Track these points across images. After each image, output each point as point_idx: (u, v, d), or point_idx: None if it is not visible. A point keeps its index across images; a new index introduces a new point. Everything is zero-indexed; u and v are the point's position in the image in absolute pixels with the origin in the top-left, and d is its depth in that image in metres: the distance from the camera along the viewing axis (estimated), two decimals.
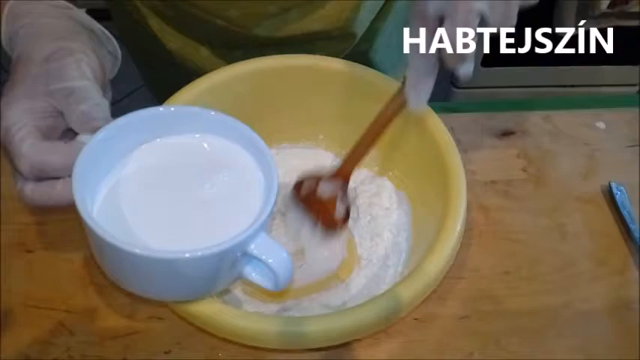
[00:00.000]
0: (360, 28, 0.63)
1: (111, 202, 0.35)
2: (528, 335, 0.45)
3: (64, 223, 0.49)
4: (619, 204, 0.52)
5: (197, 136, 0.38)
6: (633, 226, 0.51)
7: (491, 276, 0.48)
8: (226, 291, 0.43)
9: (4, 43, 0.40)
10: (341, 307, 0.45)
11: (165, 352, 0.43)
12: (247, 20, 0.55)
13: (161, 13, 0.60)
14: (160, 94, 0.67)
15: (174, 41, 0.61)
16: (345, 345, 0.44)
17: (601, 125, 0.59)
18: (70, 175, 0.33)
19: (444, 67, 0.39)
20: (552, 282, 0.48)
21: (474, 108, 0.60)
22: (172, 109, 0.38)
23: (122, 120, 0.36)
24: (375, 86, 0.50)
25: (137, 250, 0.31)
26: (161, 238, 0.34)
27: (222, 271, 0.35)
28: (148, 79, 0.71)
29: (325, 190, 0.46)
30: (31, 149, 0.33)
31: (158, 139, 0.38)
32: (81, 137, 0.35)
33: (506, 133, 0.58)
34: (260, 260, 0.34)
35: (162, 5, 0.59)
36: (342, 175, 0.47)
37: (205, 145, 0.38)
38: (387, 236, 0.49)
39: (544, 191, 0.54)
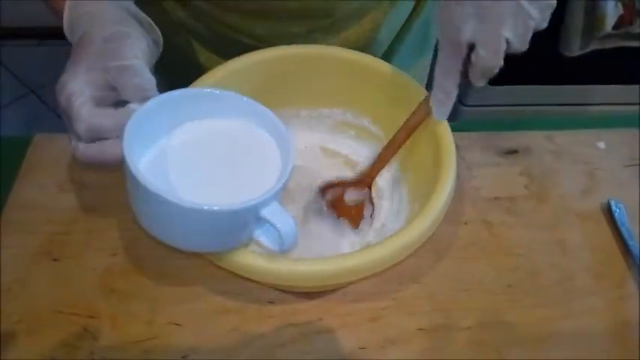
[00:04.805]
0: (379, 49, 0.66)
1: (153, 166, 0.40)
2: (528, 346, 0.47)
3: (87, 233, 0.52)
4: (618, 221, 0.54)
5: (231, 120, 0.44)
6: (631, 243, 0.52)
7: (494, 289, 0.50)
8: None
9: (65, 28, 0.45)
10: None
11: (183, 357, 0.45)
12: (273, 38, 0.59)
13: (191, 31, 0.64)
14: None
15: (201, 57, 0.65)
16: (352, 353, 0.46)
17: (601, 145, 0.61)
18: (118, 137, 0.38)
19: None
20: (552, 295, 0.50)
21: (478, 127, 0.63)
22: (217, 92, 0.44)
23: (170, 94, 0.41)
24: (384, 75, 0.54)
25: (170, 198, 0.36)
26: (193, 197, 0.38)
27: (237, 227, 0.40)
28: (166, 84, 0.75)
29: (353, 197, 0.52)
30: (87, 113, 0.38)
31: (197, 121, 0.43)
32: (131, 105, 0.40)
33: (510, 152, 0.60)
34: (270, 224, 0.39)
35: (194, 23, 0.63)
36: (367, 182, 0.53)
37: (232, 126, 0.44)
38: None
39: (545, 208, 0.56)
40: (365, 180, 0.53)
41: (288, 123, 0.57)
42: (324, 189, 0.53)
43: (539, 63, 1.21)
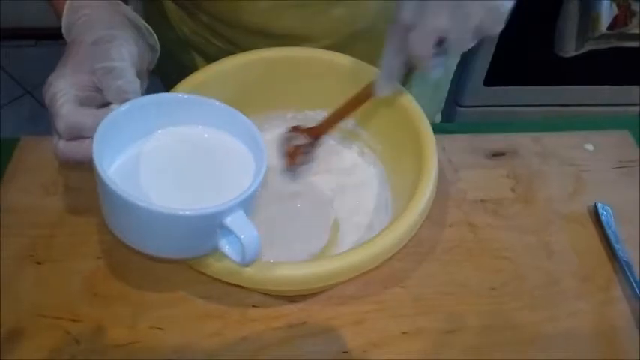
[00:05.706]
0: None
1: (125, 170, 0.40)
2: (513, 349, 0.47)
3: (71, 236, 0.52)
4: (604, 224, 0.54)
5: (207, 126, 0.44)
6: (618, 246, 0.52)
7: (478, 291, 0.50)
8: None
9: (63, 31, 0.45)
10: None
11: None
12: None
13: (195, 47, 0.64)
14: None
15: None
16: (335, 357, 0.46)
17: (589, 147, 0.61)
18: None
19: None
20: (537, 298, 0.50)
21: (466, 129, 0.63)
22: (186, 96, 0.43)
23: (145, 98, 0.41)
24: (368, 77, 0.52)
25: (131, 199, 0.35)
26: (162, 203, 0.38)
27: (200, 234, 0.39)
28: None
29: (294, 140, 0.56)
30: (68, 111, 0.39)
31: (171, 127, 0.43)
32: (113, 106, 0.40)
33: (497, 154, 0.60)
34: (234, 234, 0.38)
35: (198, 39, 0.63)
36: (314, 133, 0.55)
37: (208, 135, 0.44)
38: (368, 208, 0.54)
39: (531, 210, 0.56)
40: (312, 132, 0.55)
41: (273, 125, 0.58)
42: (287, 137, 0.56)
43: (534, 64, 1.21)
